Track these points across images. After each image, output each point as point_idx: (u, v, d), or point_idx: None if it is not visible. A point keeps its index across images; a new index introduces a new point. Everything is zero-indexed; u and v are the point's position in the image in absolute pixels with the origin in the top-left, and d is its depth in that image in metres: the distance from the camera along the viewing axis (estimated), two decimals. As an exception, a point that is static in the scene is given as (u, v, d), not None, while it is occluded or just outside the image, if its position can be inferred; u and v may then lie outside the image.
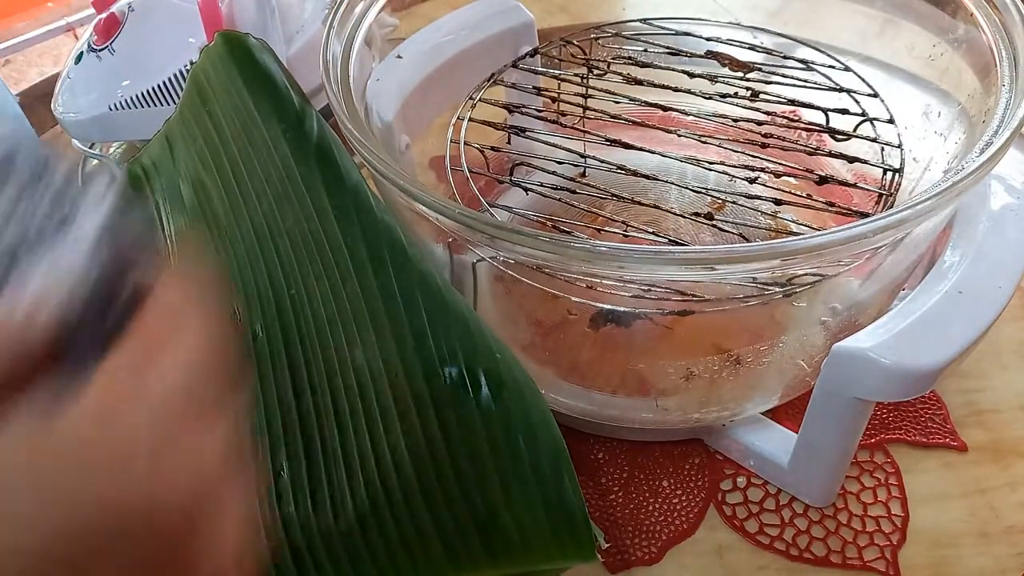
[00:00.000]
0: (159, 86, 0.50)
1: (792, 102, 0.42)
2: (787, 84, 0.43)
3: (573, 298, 0.35)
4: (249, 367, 0.35)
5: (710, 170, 0.39)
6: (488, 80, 0.45)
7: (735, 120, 0.41)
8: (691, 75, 0.44)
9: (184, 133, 0.42)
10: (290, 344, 0.34)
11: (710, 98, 0.42)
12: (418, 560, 0.30)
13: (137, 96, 0.50)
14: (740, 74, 0.44)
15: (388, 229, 0.34)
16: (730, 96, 0.42)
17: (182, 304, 0.21)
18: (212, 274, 0.36)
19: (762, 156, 0.39)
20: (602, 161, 0.39)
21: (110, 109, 0.51)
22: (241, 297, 0.36)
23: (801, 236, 0.27)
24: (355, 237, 0.34)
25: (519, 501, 0.30)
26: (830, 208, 0.36)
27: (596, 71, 0.46)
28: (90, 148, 0.55)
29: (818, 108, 0.41)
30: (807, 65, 0.43)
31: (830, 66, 0.43)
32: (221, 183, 0.39)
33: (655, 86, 0.43)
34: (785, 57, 0.44)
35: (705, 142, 0.40)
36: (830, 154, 0.39)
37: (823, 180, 0.37)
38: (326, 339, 0.33)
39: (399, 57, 0.44)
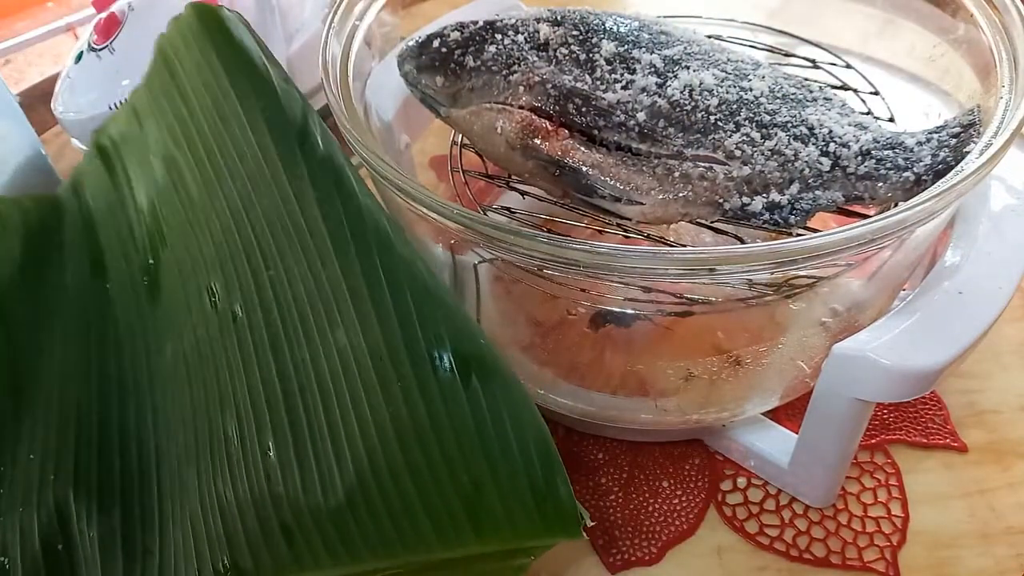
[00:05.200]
0: (159, 86, 0.50)
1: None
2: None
3: (572, 299, 0.35)
4: None
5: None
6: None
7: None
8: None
9: (153, 107, 0.41)
10: (271, 325, 0.34)
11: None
12: (406, 536, 0.31)
13: (137, 96, 0.50)
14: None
15: (372, 213, 0.33)
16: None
17: None
18: None
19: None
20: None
21: (110, 108, 0.51)
22: (219, 276, 0.36)
23: (801, 237, 0.27)
24: (336, 220, 0.34)
25: (504, 477, 0.30)
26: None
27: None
28: (90, 148, 0.55)
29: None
30: (813, 63, 0.43)
31: (831, 63, 0.43)
32: (194, 161, 0.39)
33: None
34: (787, 55, 0.44)
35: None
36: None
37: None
38: (307, 320, 0.33)
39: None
